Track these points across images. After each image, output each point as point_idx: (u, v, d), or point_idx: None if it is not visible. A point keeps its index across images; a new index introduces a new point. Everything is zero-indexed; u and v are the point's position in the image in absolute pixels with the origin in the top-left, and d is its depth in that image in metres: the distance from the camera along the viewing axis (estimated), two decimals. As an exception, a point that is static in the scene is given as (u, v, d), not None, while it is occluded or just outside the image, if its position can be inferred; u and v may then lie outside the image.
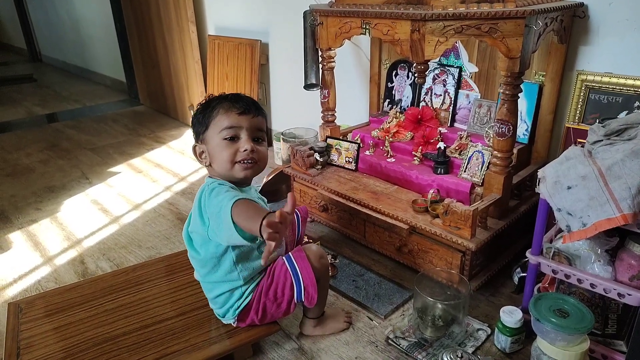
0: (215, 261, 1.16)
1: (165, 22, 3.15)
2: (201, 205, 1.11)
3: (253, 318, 1.20)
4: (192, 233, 1.18)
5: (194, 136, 1.19)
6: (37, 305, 1.34)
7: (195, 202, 1.14)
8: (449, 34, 1.33)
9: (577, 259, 1.14)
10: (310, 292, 1.16)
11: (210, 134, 1.13)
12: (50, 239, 1.92)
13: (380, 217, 1.55)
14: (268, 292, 1.18)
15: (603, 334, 1.17)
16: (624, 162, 1.01)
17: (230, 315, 1.20)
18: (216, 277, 1.17)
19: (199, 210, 1.11)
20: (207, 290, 1.23)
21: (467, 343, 1.27)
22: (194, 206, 1.14)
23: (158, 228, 1.97)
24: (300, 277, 1.16)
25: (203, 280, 1.23)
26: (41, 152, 2.95)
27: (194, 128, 1.18)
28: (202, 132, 1.15)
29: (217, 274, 1.17)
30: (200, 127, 1.16)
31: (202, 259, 1.17)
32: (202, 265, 1.18)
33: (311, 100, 2.35)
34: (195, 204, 1.14)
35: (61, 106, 4.10)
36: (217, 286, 1.19)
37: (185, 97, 3.28)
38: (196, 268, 1.23)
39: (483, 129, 1.69)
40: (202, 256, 1.17)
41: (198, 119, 1.16)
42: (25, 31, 6.21)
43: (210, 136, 1.13)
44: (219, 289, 1.19)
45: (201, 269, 1.20)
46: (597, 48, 1.48)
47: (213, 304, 1.24)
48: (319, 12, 1.70)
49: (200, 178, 2.47)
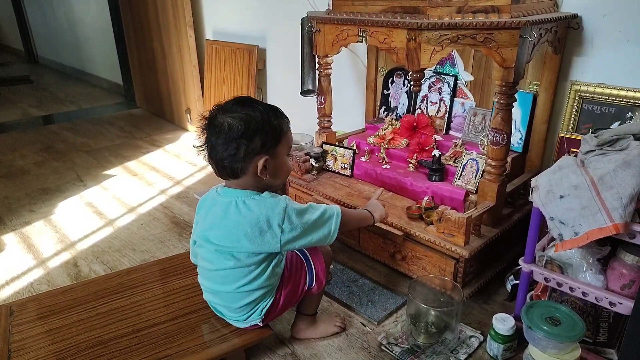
0: (260, 270, 1.13)
1: (163, 26, 3.16)
2: (275, 226, 1.08)
3: (275, 313, 1.21)
4: (240, 252, 1.12)
5: (261, 147, 1.08)
6: (29, 308, 1.33)
7: (235, 218, 1.10)
8: (444, 43, 1.34)
9: (569, 267, 1.15)
10: (320, 276, 1.23)
11: (281, 149, 1.13)
12: (44, 242, 1.91)
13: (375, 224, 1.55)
14: (288, 284, 1.20)
15: (594, 342, 1.18)
16: (615, 172, 1.03)
17: (257, 316, 1.19)
18: (256, 285, 1.14)
19: (267, 229, 1.08)
20: (235, 300, 1.17)
21: (460, 350, 1.27)
22: (235, 222, 1.10)
23: (153, 232, 1.97)
24: (312, 264, 1.23)
25: (235, 291, 1.16)
26: (36, 153, 2.94)
27: (264, 138, 1.08)
28: (275, 146, 1.11)
29: (257, 282, 1.14)
30: (272, 141, 1.10)
31: (246, 269, 1.13)
32: (245, 275, 1.14)
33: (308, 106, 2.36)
34: (238, 220, 1.09)
35: (57, 108, 4.09)
36: (252, 294, 1.15)
37: (182, 100, 3.28)
38: (230, 279, 1.15)
39: (478, 137, 1.70)
40: (247, 267, 1.13)
41: (272, 132, 1.10)
42: (23, 32, 6.20)
43: (281, 151, 1.14)
44: (253, 295, 1.16)
45: (242, 279, 1.14)
46: (590, 59, 1.50)
47: (236, 312, 1.19)
48: (316, 19, 1.71)
49: (197, 182, 2.47)
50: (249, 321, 1.20)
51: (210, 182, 2.46)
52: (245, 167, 1.09)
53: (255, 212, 1.09)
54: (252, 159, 1.09)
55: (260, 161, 1.09)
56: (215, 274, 1.17)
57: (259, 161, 1.09)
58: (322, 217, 1.15)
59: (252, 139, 1.07)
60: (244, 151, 1.07)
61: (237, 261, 1.13)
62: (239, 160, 1.08)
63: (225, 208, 1.12)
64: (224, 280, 1.17)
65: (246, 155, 1.08)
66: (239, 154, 1.07)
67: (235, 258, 1.13)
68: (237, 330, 1.23)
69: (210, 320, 1.27)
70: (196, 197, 2.28)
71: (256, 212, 1.09)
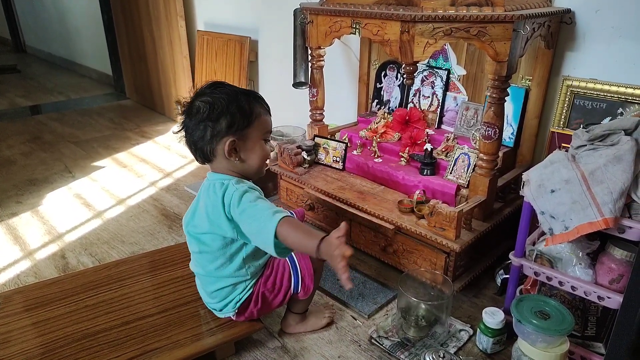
0: (226, 258, 1.15)
1: (154, 16, 3.12)
2: (226, 207, 1.08)
3: (252, 310, 1.20)
4: (202, 233, 1.14)
5: (226, 129, 1.07)
6: (16, 300, 1.32)
7: (205, 199, 1.11)
8: (438, 36, 1.33)
9: (559, 261, 1.15)
10: (307, 282, 1.20)
11: (254, 132, 1.12)
12: (31, 233, 1.88)
13: (366, 217, 1.55)
14: (267, 282, 1.20)
15: (583, 336, 1.19)
16: (606, 167, 1.03)
17: (230, 309, 1.20)
18: (225, 272, 1.16)
19: (222, 211, 1.08)
20: (208, 283, 1.20)
21: (449, 343, 1.28)
22: (204, 203, 1.12)
23: (142, 224, 1.95)
24: (299, 268, 1.20)
25: (207, 275, 1.19)
26: (23, 144, 2.89)
27: (230, 119, 1.07)
28: (244, 128, 1.10)
29: (226, 270, 1.16)
30: (242, 122, 1.09)
31: (212, 255, 1.15)
32: (212, 260, 1.16)
33: (300, 98, 2.34)
34: (206, 202, 1.11)
35: (45, 98, 4.03)
36: (221, 280, 1.17)
37: (173, 92, 3.25)
38: (202, 263, 1.19)
39: (470, 132, 1.70)
40: (213, 252, 1.15)
41: (240, 113, 1.08)
42: (10, 21, 6.08)
43: (252, 134, 1.12)
44: (222, 282, 1.17)
45: (209, 264, 1.17)
46: (583, 54, 1.50)
47: (211, 297, 1.21)
48: (309, 10, 1.69)
49: (187, 174, 2.45)
50: (223, 312, 1.22)
51: (200, 175, 2.44)
52: (213, 149, 1.10)
53: (218, 194, 1.09)
54: (219, 140, 1.09)
55: (226, 143, 1.08)
56: (193, 256, 1.23)
57: (225, 143, 1.08)
58: (265, 208, 1.04)
59: (217, 120, 1.07)
60: (210, 133, 1.08)
61: (201, 245, 1.16)
62: (207, 142, 1.09)
63: (204, 191, 1.15)
64: (198, 263, 1.21)
65: (212, 137, 1.08)
66: (205, 135, 1.08)
67: (201, 242, 1.16)
68: (227, 323, 1.23)
69: (200, 312, 1.26)
70: (186, 189, 2.26)
71: (218, 194, 1.09)
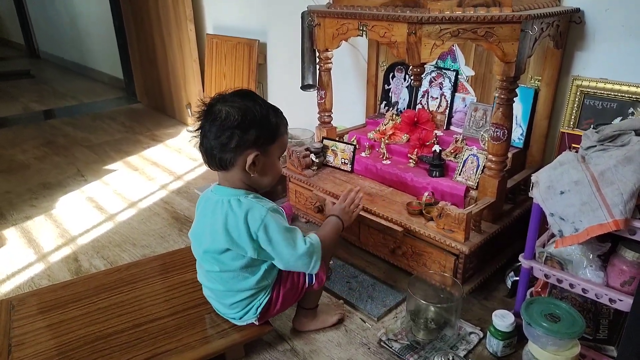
0: (248, 273, 1.15)
1: (164, 20, 3.15)
2: (251, 229, 1.08)
3: (272, 312, 1.22)
4: (221, 252, 1.13)
5: (254, 141, 1.07)
6: (30, 303, 1.34)
7: (219, 217, 1.10)
8: (445, 38, 1.33)
9: (570, 263, 1.14)
10: (320, 274, 1.22)
11: (274, 149, 1.13)
12: (45, 236, 1.91)
13: (375, 219, 1.55)
14: (286, 282, 1.21)
15: (594, 339, 1.17)
16: (616, 168, 1.02)
17: (252, 315, 1.20)
18: (247, 285, 1.15)
19: (245, 231, 1.08)
20: (227, 297, 1.19)
21: (459, 346, 1.27)
22: (220, 221, 1.10)
23: (153, 227, 1.97)
24: None
25: (226, 290, 1.18)
26: (37, 148, 2.94)
27: (259, 132, 1.07)
28: (268, 144, 1.11)
29: (248, 283, 1.15)
30: (268, 138, 1.10)
31: (235, 273, 1.14)
32: (234, 277, 1.15)
33: (308, 101, 2.35)
34: (221, 220, 1.09)
35: (58, 103, 4.09)
36: (242, 293, 1.17)
37: (183, 95, 3.28)
38: (223, 280, 1.17)
39: (478, 133, 1.69)
40: (235, 270, 1.14)
41: (268, 129, 1.10)
42: (24, 26, 6.19)
43: (274, 151, 1.14)
44: (243, 294, 1.17)
45: (231, 281, 1.16)
46: (592, 54, 1.49)
47: (230, 309, 1.20)
48: (316, 13, 1.70)
49: (197, 177, 2.47)
50: (244, 319, 1.22)
51: (210, 178, 2.45)
52: (235, 159, 1.08)
53: (237, 214, 1.09)
54: (243, 152, 1.08)
55: (250, 155, 1.08)
56: (207, 274, 1.21)
57: (249, 155, 1.08)
58: (298, 247, 1.12)
59: (247, 131, 1.06)
60: (236, 142, 1.06)
61: (222, 265, 1.14)
62: (230, 150, 1.07)
63: (214, 207, 1.13)
64: (215, 281, 1.19)
65: (237, 146, 1.07)
66: (230, 143, 1.06)
67: (220, 262, 1.14)
68: (237, 326, 1.24)
69: (210, 315, 1.27)
70: (197, 192, 2.28)
71: (238, 214, 1.08)
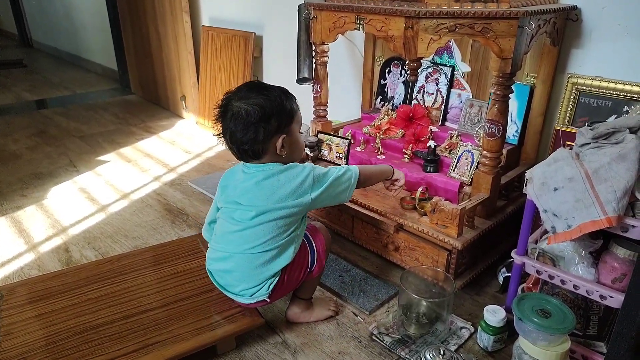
0: (279, 230, 1.19)
1: (159, 11, 3.12)
2: (307, 182, 1.19)
3: (279, 292, 1.25)
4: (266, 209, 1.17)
5: (277, 128, 1.17)
6: (19, 293, 1.33)
7: (265, 186, 1.17)
8: (442, 32, 1.33)
9: (562, 260, 1.15)
10: (321, 257, 1.28)
11: (294, 127, 1.22)
12: (35, 226, 1.89)
13: (369, 214, 1.55)
14: (293, 263, 1.23)
15: (584, 335, 1.18)
16: (610, 165, 1.02)
17: (264, 291, 1.21)
18: (273, 245, 1.19)
19: (298, 187, 1.18)
20: (252, 259, 1.19)
21: (450, 341, 1.27)
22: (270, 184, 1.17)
23: (145, 218, 1.95)
24: (314, 244, 1.28)
25: (251, 251, 1.19)
26: (29, 138, 2.91)
27: (279, 119, 1.17)
28: (289, 125, 1.20)
29: (275, 241, 1.19)
30: (286, 120, 1.19)
31: (263, 228, 1.18)
32: (264, 234, 1.18)
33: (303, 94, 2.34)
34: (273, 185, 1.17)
35: (51, 93, 4.05)
36: (266, 254, 1.19)
37: (177, 87, 3.25)
38: (250, 239, 1.19)
39: (474, 129, 1.69)
40: (267, 223, 1.18)
41: (285, 113, 1.18)
42: (17, 16, 6.12)
43: (294, 129, 1.23)
44: (267, 255, 1.19)
45: (259, 239, 1.18)
46: (588, 52, 1.49)
47: (248, 279, 1.20)
48: (313, 5, 1.69)
49: (191, 169, 2.46)
50: (256, 296, 1.21)
51: (204, 170, 2.44)
52: (265, 147, 1.18)
53: (288, 174, 1.19)
54: (271, 139, 1.17)
55: (278, 141, 1.18)
56: (239, 235, 1.20)
57: (277, 141, 1.18)
58: (343, 176, 1.26)
59: (269, 121, 1.16)
60: (263, 134, 1.16)
61: (261, 217, 1.18)
62: (259, 142, 1.17)
63: (257, 180, 1.19)
64: (245, 240, 1.19)
65: (265, 137, 1.16)
66: (258, 137, 1.16)
67: (261, 214, 1.18)
68: (228, 318, 1.23)
69: (202, 307, 1.27)
70: (190, 184, 2.27)
71: (289, 174, 1.19)
